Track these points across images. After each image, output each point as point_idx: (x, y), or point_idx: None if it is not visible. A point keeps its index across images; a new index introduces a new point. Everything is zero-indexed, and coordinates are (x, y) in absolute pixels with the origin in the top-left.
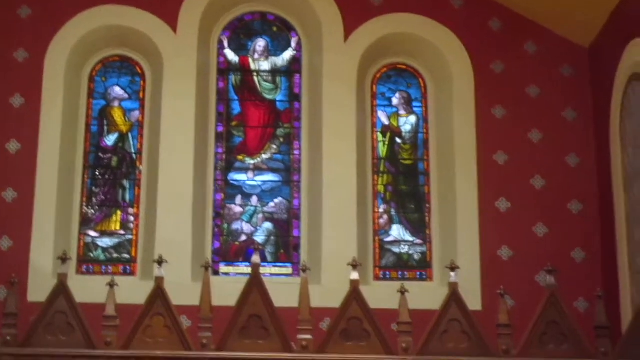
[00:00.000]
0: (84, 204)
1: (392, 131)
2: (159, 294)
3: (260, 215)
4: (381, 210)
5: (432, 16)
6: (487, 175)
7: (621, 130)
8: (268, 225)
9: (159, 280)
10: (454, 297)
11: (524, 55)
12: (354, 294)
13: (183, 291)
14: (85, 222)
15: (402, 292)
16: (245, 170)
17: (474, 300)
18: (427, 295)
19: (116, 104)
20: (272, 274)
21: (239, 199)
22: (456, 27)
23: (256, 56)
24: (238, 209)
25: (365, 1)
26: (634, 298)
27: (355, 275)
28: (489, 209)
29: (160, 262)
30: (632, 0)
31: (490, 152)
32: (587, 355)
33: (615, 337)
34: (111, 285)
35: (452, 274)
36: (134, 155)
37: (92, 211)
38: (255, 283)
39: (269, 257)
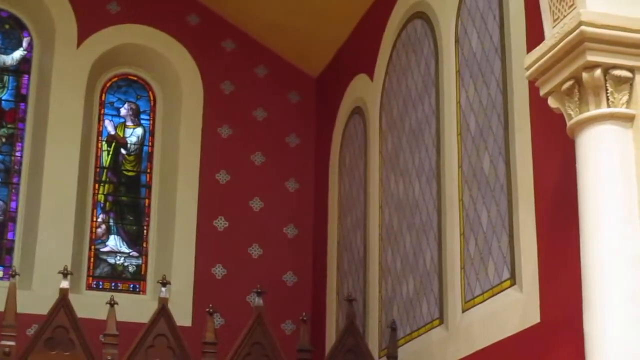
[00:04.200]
0: None
1: (117, 141)
2: None
3: None
4: (100, 219)
5: (167, 31)
6: (208, 193)
7: (340, 160)
8: None
9: None
10: (162, 312)
11: (254, 78)
12: (62, 302)
13: None
14: None
15: (111, 303)
16: None
17: (184, 316)
18: (139, 308)
19: None
20: None
21: None
22: (190, 44)
23: None
24: None
25: (102, 9)
26: (339, 323)
27: (65, 284)
28: (207, 227)
29: None
30: (358, 39)
31: (212, 171)
32: None
33: (318, 359)
34: None
35: (163, 289)
36: None
37: None
38: None
39: None
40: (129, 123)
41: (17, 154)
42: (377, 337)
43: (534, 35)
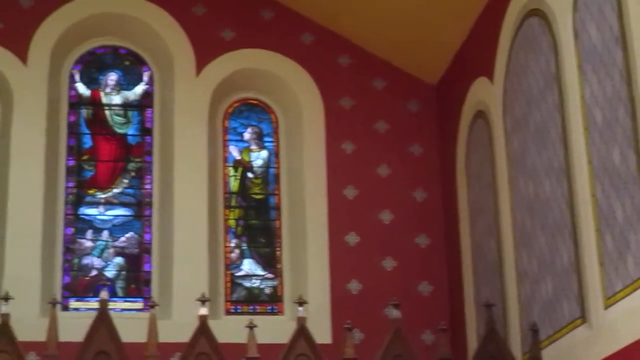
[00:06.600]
0: None
1: (243, 166)
2: (4, 330)
3: (111, 250)
4: (232, 244)
5: (283, 52)
6: (337, 210)
7: (466, 166)
8: (119, 259)
9: (5, 317)
10: (301, 331)
11: (372, 91)
12: (202, 329)
13: (32, 327)
14: None
15: (251, 327)
16: (96, 204)
17: (324, 334)
18: (278, 329)
19: None
20: (122, 309)
21: (89, 234)
22: (306, 63)
23: (108, 90)
24: (89, 244)
25: (216, 36)
26: (479, 329)
27: (203, 311)
28: (339, 243)
29: (6, 298)
30: (475, 41)
31: (339, 187)
32: None
33: None
34: None
35: (300, 308)
36: None
37: None
38: (102, 319)
39: (119, 292)
40: (253, 147)
41: (147, 186)
42: (519, 341)
43: None
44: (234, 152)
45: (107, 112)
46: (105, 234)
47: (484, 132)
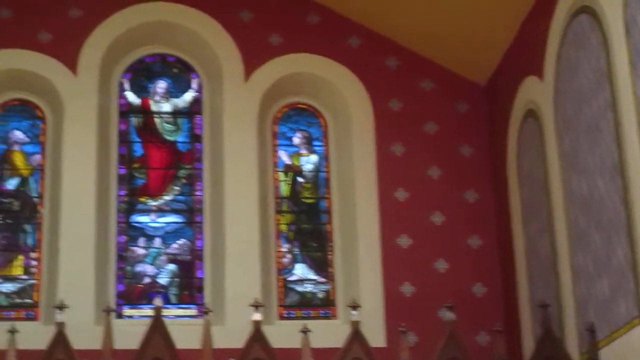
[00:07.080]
0: None
1: (293, 170)
2: (60, 339)
3: (164, 257)
4: (284, 249)
5: (330, 56)
6: (388, 212)
7: (518, 166)
8: (172, 266)
9: (60, 326)
10: (355, 335)
11: (420, 92)
12: (256, 335)
13: (87, 335)
14: None
15: (304, 331)
16: (147, 212)
17: (378, 337)
18: (331, 334)
19: (16, 147)
20: (176, 316)
21: (142, 241)
22: (354, 66)
23: (157, 98)
24: (141, 251)
25: (264, 42)
26: (534, 331)
27: (257, 316)
28: (391, 246)
29: (61, 307)
30: (524, 40)
31: (390, 189)
32: None
33: None
34: (12, 332)
35: (354, 312)
36: (35, 199)
37: None
38: (157, 326)
39: (172, 299)
40: (302, 151)
41: (197, 193)
42: (575, 342)
43: None
44: (284, 156)
45: (156, 120)
46: (157, 241)
47: (535, 131)
